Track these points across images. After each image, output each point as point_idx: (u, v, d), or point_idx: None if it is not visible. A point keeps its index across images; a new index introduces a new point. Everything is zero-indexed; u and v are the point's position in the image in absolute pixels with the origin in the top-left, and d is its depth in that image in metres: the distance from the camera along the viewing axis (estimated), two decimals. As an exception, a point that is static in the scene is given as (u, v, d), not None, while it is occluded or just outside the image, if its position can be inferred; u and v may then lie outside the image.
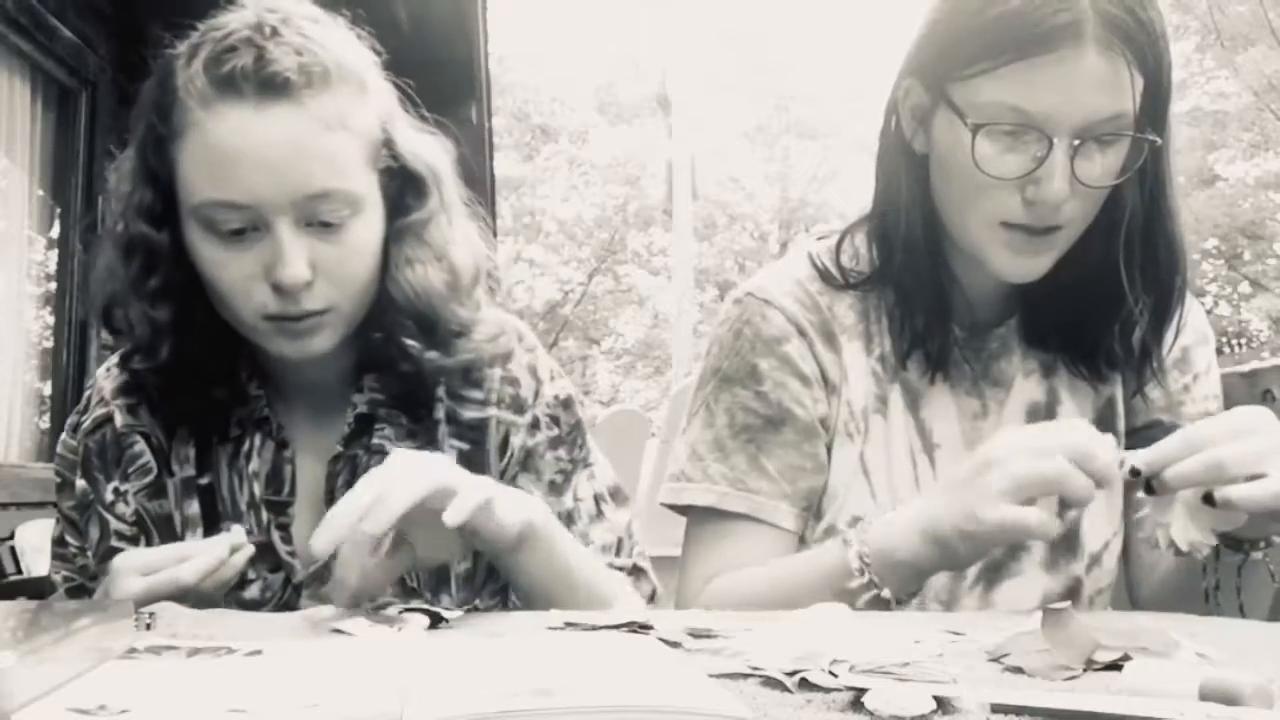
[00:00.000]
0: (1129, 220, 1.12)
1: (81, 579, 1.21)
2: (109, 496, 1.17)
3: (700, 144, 20.18)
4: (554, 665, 0.60)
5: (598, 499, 1.20)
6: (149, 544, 1.16)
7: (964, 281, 1.19)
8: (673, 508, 1.22)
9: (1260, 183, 17.57)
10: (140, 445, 1.17)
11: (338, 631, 0.81)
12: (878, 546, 1.03)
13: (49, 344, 4.67)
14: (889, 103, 1.17)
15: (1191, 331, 1.23)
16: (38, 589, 3.46)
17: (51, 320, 4.68)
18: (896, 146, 1.17)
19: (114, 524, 1.17)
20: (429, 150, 1.15)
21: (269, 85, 1.01)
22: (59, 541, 1.23)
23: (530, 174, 22.53)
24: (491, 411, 1.17)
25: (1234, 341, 18.69)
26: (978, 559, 1.07)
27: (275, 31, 1.03)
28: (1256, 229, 17.49)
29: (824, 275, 1.21)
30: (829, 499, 1.18)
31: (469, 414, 1.17)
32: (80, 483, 1.19)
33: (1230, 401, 1.27)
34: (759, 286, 1.22)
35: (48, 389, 4.64)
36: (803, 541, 1.18)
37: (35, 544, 3.84)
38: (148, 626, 0.79)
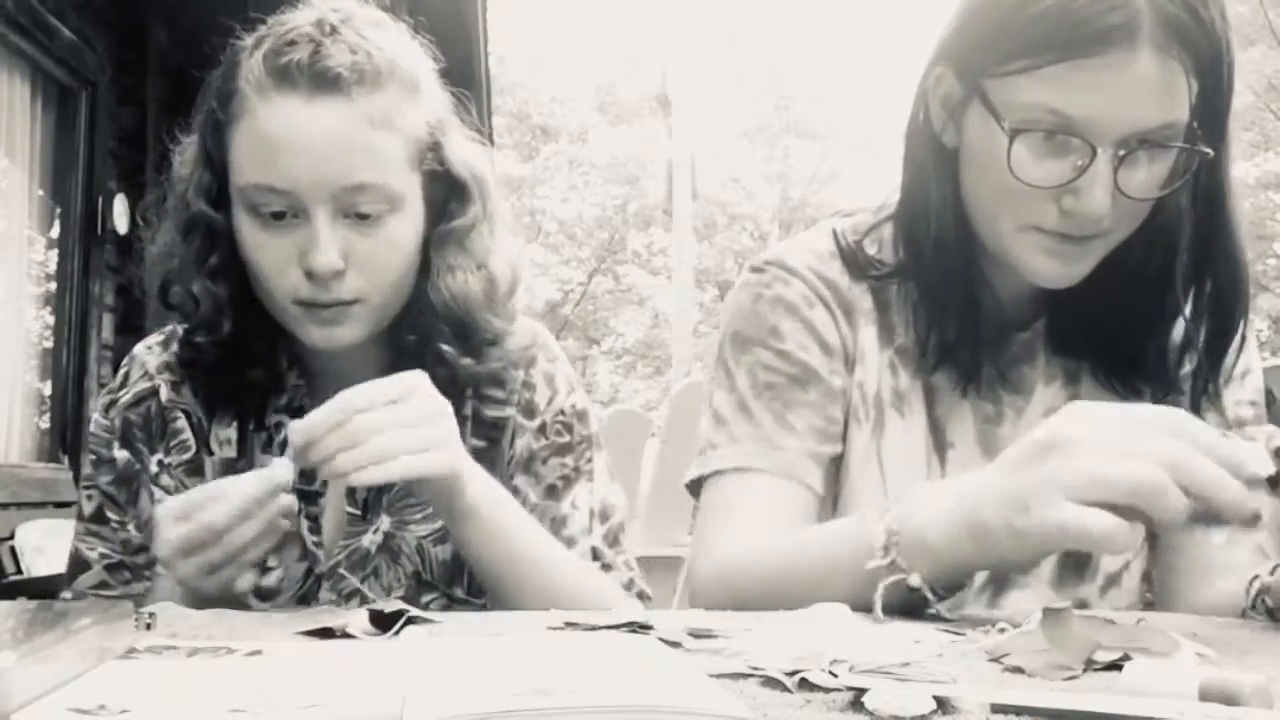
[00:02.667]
0: (1184, 234, 1.05)
1: (123, 554, 1.22)
2: (154, 469, 1.21)
3: (700, 144, 20.20)
4: (554, 665, 0.60)
5: (592, 513, 1.21)
6: None
7: (993, 283, 1.12)
8: (694, 488, 1.16)
9: (1260, 183, 17.57)
10: (182, 421, 1.21)
11: (346, 635, 0.81)
12: (908, 523, 0.89)
13: (49, 344, 4.68)
14: (918, 91, 1.10)
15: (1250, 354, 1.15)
16: (38, 589, 3.46)
17: (51, 320, 4.68)
18: (925, 139, 1.09)
19: (159, 495, 1.19)
20: (476, 160, 1.18)
21: (321, 79, 1.05)
22: (95, 519, 1.23)
23: (530, 174, 22.53)
24: (509, 412, 1.20)
25: (1234, 341, 18.66)
26: (1026, 562, 0.94)
27: (335, 30, 1.08)
28: (1256, 229, 17.47)
29: (846, 256, 1.16)
30: (842, 478, 1.13)
31: (490, 413, 1.20)
32: (122, 454, 1.21)
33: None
34: (779, 257, 1.17)
35: (48, 389, 4.64)
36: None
37: (35, 544, 3.84)
38: (148, 626, 0.79)
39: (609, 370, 23.54)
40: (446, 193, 1.15)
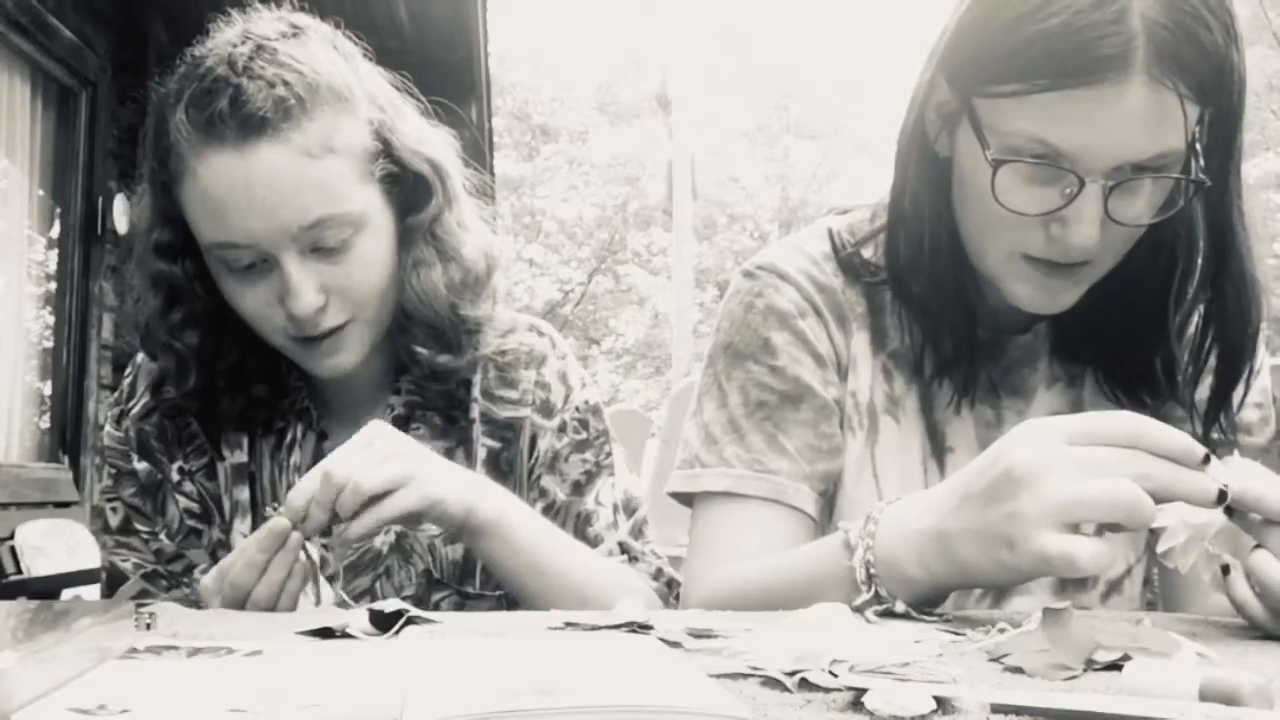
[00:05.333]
0: (1188, 258, 1.03)
1: (157, 563, 1.22)
2: (175, 476, 1.21)
3: (700, 144, 20.21)
4: (554, 665, 0.60)
5: (616, 507, 1.22)
6: (211, 523, 1.20)
7: (988, 291, 1.10)
8: (680, 496, 1.15)
9: (1260, 183, 17.55)
10: (195, 425, 1.21)
11: (346, 635, 0.81)
12: (885, 556, 0.89)
13: (49, 344, 4.68)
14: (913, 94, 1.06)
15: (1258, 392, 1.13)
16: (38, 589, 3.47)
17: (51, 320, 4.68)
18: (918, 146, 1.06)
19: (184, 503, 1.21)
20: (430, 145, 1.16)
21: (247, 125, 1.02)
22: (123, 530, 1.24)
23: (530, 174, 22.54)
24: (524, 412, 1.20)
25: (1234, 342, 18.66)
26: (1013, 584, 0.94)
27: (247, 66, 1.04)
28: (1257, 229, 17.46)
29: (841, 260, 1.14)
30: (837, 488, 1.12)
31: (503, 414, 1.20)
32: (142, 465, 1.22)
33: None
34: (770, 261, 1.15)
35: (48, 389, 4.64)
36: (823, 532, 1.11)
37: (35, 544, 3.85)
38: (148, 626, 0.79)
39: (609, 370, 23.52)
40: (407, 189, 1.14)
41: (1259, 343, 1.08)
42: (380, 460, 0.98)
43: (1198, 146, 0.94)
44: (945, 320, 1.08)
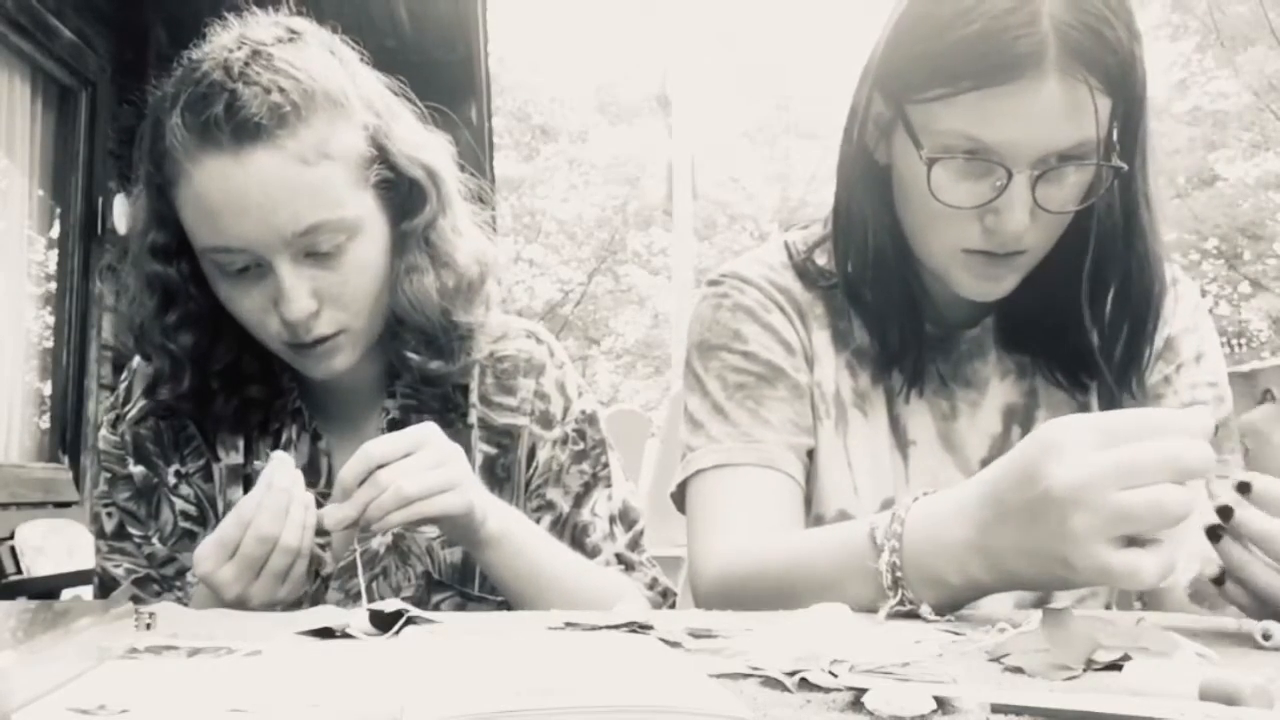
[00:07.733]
0: (1102, 240, 1.08)
1: (149, 567, 1.22)
2: (171, 479, 1.21)
3: (700, 144, 20.19)
4: (554, 665, 0.60)
5: (613, 518, 1.23)
6: (205, 525, 1.20)
7: (934, 289, 1.16)
8: (679, 500, 1.18)
9: (1260, 183, 17.56)
10: (193, 428, 1.21)
11: (346, 635, 0.81)
12: (916, 562, 0.88)
13: (49, 344, 4.68)
14: (851, 108, 1.13)
15: (1179, 320, 1.18)
16: (38, 589, 3.46)
17: (51, 320, 4.68)
18: (859, 156, 1.13)
19: (180, 505, 1.21)
20: (425, 151, 1.16)
21: (242, 131, 1.02)
22: (117, 536, 1.24)
23: (530, 174, 22.52)
24: (522, 421, 1.20)
25: (1234, 341, 18.69)
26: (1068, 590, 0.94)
27: (243, 72, 1.04)
28: (1256, 229, 17.50)
29: (797, 267, 1.21)
30: (811, 472, 1.16)
31: (501, 420, 1.21)
32: (138, 469, 1.22)
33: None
34: (733, 270, 1.23)
35: (48, 389, 4.64)
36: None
37: (35, 544, 3.85)
38: (148, 626, 0.79)
39: (609, 370, 23.52)
40: (401, 195, 1.13)
41: (1159, 318, 1.13)
42: (430, 466, 0.99)
43: (1114, 138, 1.02)
44: (892, 316, 1.14)
